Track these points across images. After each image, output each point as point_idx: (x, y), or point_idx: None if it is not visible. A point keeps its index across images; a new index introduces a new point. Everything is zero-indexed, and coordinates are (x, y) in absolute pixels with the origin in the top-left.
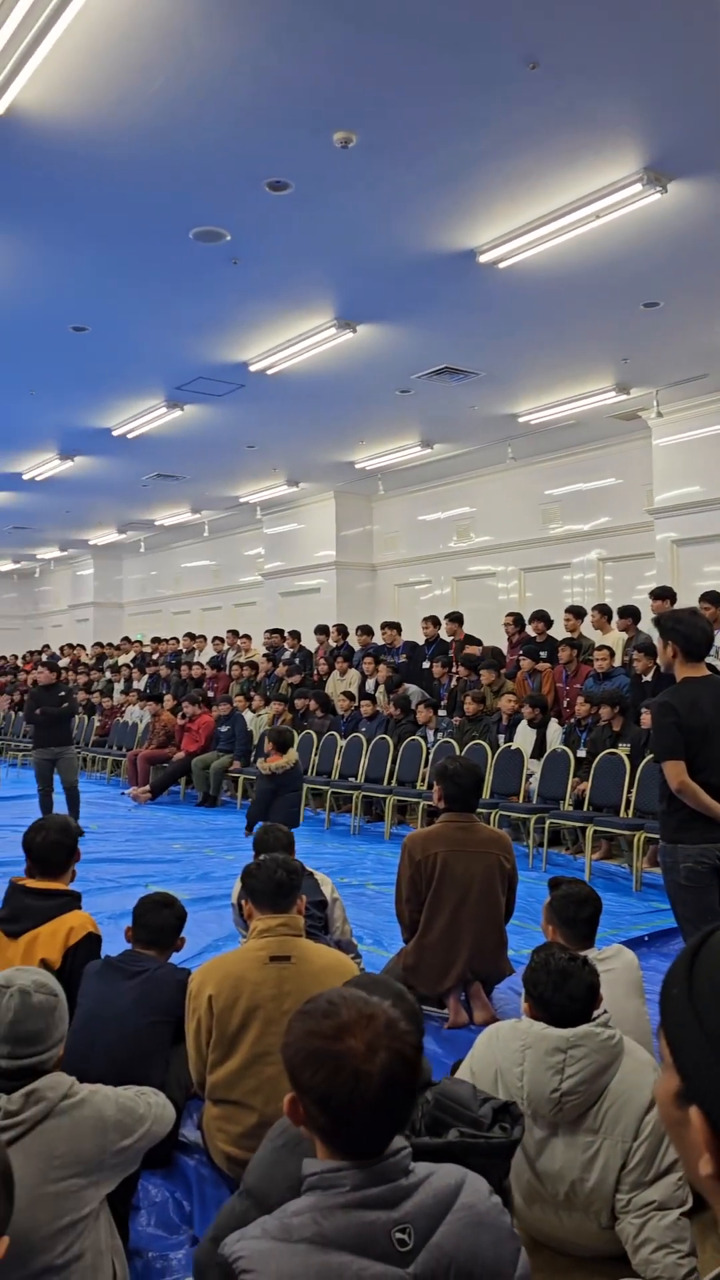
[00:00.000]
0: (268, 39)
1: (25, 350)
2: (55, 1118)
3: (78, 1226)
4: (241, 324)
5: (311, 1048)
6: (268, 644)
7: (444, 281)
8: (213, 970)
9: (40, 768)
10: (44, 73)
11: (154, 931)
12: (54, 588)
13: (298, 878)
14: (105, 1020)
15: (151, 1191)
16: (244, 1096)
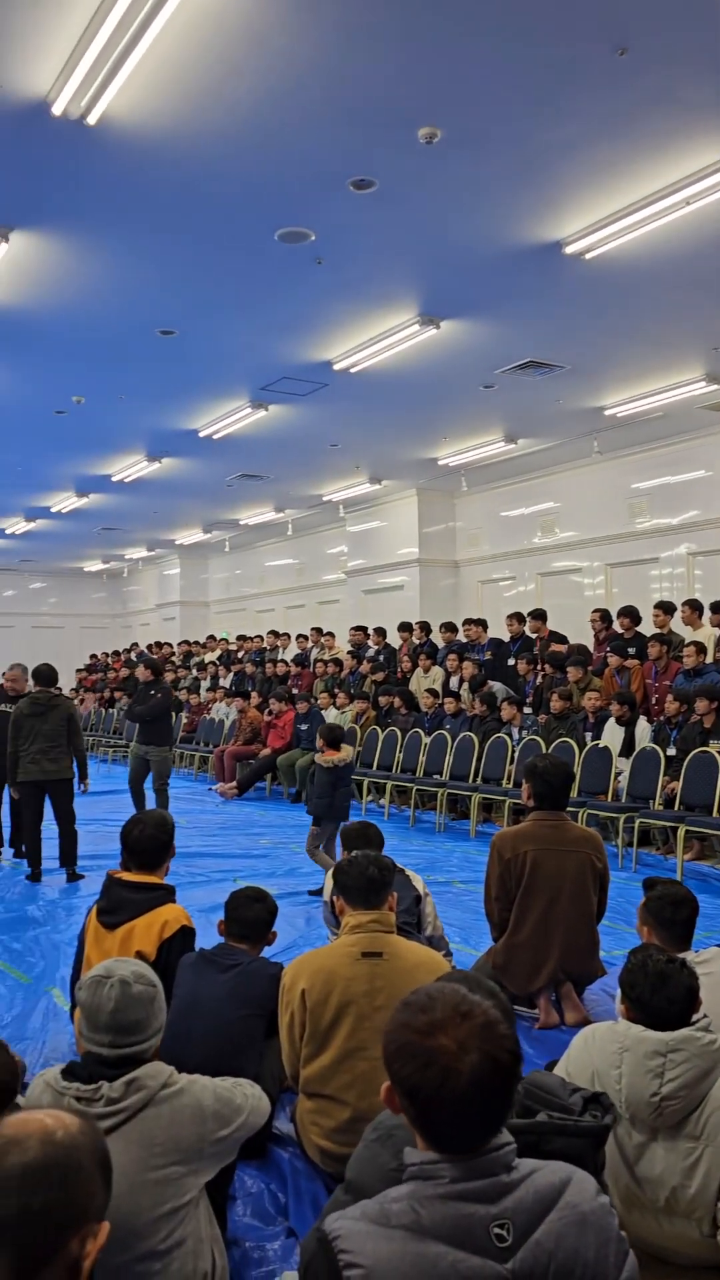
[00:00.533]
0: (351, 37)
1: (115, 356)
2: (155, 1106)
3: (179, 1214)
4: (325, 323)
5: (403, 1040)
6: (352, 641)
7: (529, 274)
8: (305, 965)
9: (134, 764)
10: (133, 82)
11: (246, 925)
12: (142, 587)
13: (389, 874)
14: (200, 1012)
15: (247, 1182)
16: (337, 1091)
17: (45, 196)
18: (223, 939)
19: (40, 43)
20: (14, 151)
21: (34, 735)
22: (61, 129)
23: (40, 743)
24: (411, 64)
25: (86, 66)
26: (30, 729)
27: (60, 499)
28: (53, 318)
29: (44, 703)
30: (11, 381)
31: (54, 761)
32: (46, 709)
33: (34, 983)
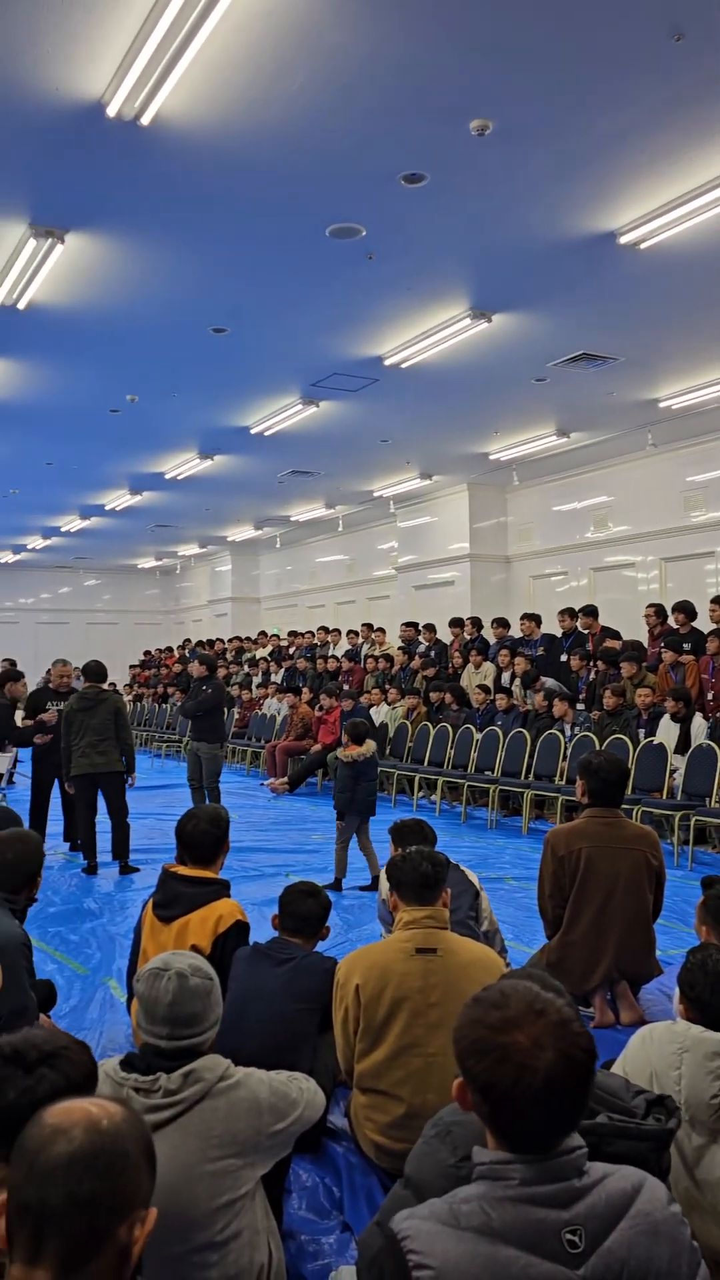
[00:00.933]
0: (403, 31)
1: (168, 354)
2: (212, 1098)
3: (235, 1205)
4: (376, 318)
5: (476, 1036)
6: (402, 637)
7: (582, 266)
8: (359, 960)
9: (190, 760)
10: (185, 82)
11: (300, 920)
12: (194, 584)
13: (443, 870)
14: (254, 1005)
15: (302, 1176)
16: (391, 1087)
17: (100, 198)
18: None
19: (95, 45)
20: (70, 154)
21: (84, 730)
22: (116, 130)
23: (89, 736)
24: (463, 56)
25: (140, 67)
26: (80, 724)
27: (114, 497)
28: (107, 318)
29: (92, 698)
30: (67, 382)
31: (102, 755)
32: (95, 704)
33: (91, 974)
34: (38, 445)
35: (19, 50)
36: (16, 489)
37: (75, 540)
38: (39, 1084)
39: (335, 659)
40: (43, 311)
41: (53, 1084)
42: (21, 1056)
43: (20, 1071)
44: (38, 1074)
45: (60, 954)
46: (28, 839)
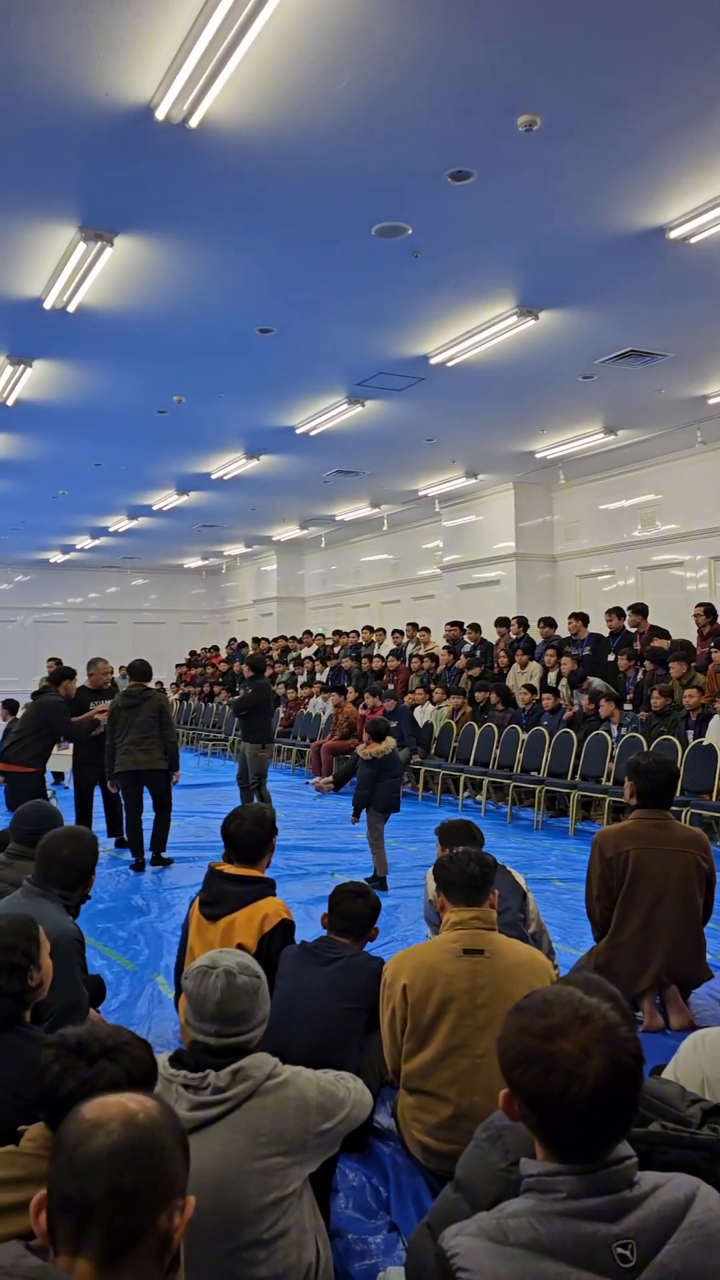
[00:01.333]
0: (450, 27)
1: (215, 355)
2: (260, 1096)
3: (283, 1203)
4: (421, 317)
5: (523, 1045)
6: (447, 636)
7: (631, 262)
8: (407, 960)
9: (239, 760)
10: (234, 84)
11: (349, 920)
12: (239, 583)
13: (490, 871)
14: (301, 1004)
15: (349, 1175)
16: (438, 1088)
17: (148, 201)
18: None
19: (144, 49)
20: (119, 157)
21: (128, 727)
22: (164, 133)
23: (133, 734)
24: (511, 52)
25: (189, 70)
26: (125, 721)
27: (161, 497)
28: (155, 319)
29: (137, 696)
30: (116, 383)
31: (146, 752)
32: (139, 702)
33: (139, 970)
34: (86, 446)
35: (70, 56)
36: (65, 490)
37: (123, 540)
38: (99, 1076)
39: (380, 658)
40: (92, 314)
41: (112, 1077)
42: (85, 1047)
43: (82, 1062)
44: (99, 1066)
45: (109, 950)
46: (82, 836)
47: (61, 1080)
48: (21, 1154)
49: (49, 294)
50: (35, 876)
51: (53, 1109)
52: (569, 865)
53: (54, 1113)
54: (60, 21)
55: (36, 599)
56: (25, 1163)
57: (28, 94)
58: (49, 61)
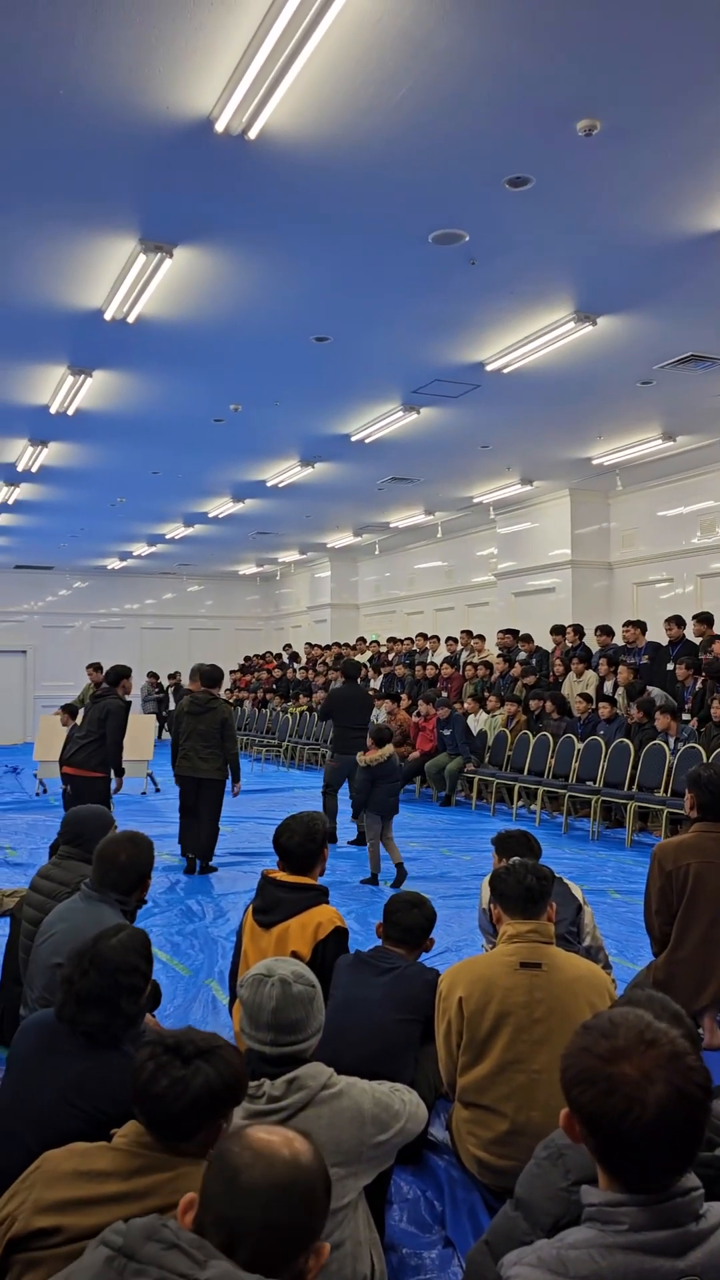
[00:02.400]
0: (509, 34)
1: (271, 363)
2: (315, 1106)
3: (338, 1215)
4: (478, 324)
5: (584, 1065)
6: (501, 644)
7: (691, 265)
8: (463, 972)
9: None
10: (292, 95)
11: (404, 930)
12: (293, 590)
13: (548, 884)
14: (356, 1014)
15: (404, 1188)
16: (495, 1102)
17: (207, 212)
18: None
19: (204, 62)
20: (179, 170)
21: (191, 733)
22: (223, 145)
23: (195, 741)
24: (570, 57)
25: (248, 82)
26: (189, 727)
27: (217, 504)
28: (213, 329)
29: (203, 703)
30: (174, 392)
31: (205, 761)
32: (204, 710)
33: (193, 975)
34: (144, 455)
35: (131, 71)
36: (123, 498)
37: (179, 547)
38: (193, 1076)
39: (434, 665)
40: (151, 324)
41: (206, 1078)
42: (180, 1049)
43: (177, 1062)
44: (193, 1066)
45: (163, 954)
46: (139, 840)
47: (155, 1079)
48: (112, 1149)
49: (109, 305)
50: (93, 880)
51: (146, 1106)
52: (626, 878)
53: (146, 1110)
54: (122, 37)
55: (94, 605)
56: (114, 1158)
57: (90, 109)
58: (111, 77)
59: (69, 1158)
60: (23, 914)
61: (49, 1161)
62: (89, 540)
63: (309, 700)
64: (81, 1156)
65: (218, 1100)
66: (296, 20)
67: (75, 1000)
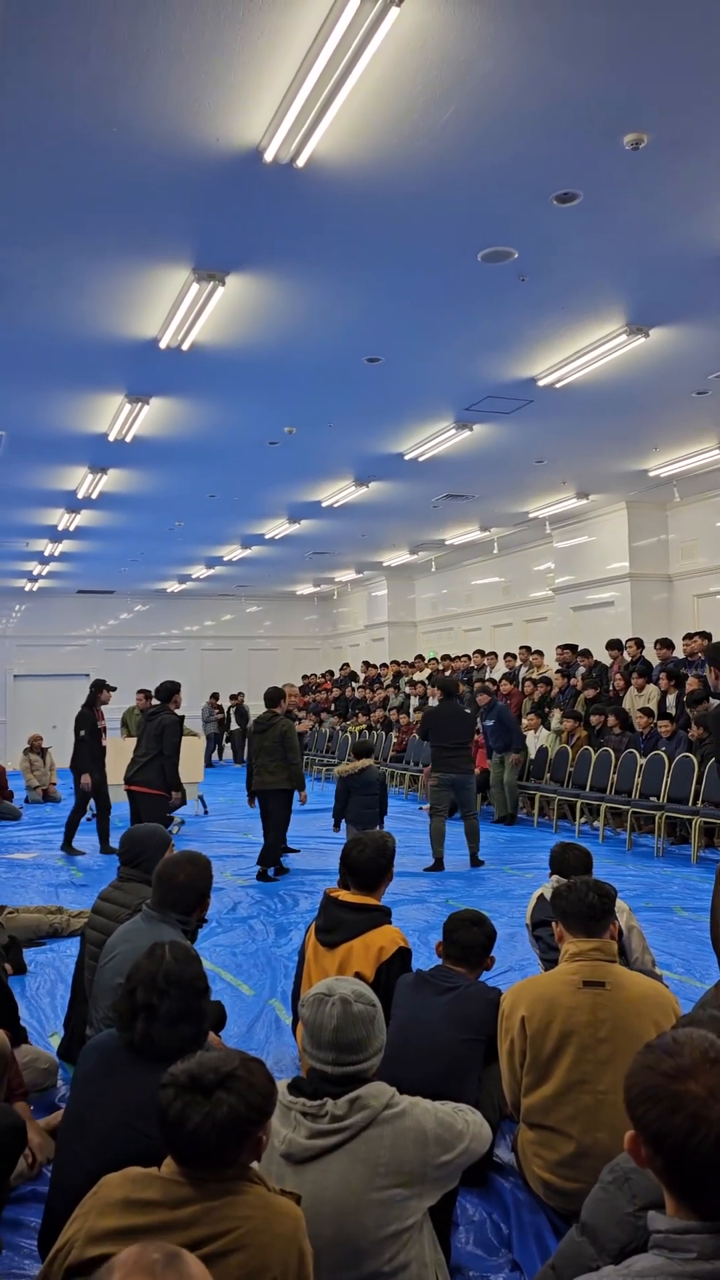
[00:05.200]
0: (554, 51)
1: (324, 386)
2: (378, 1126)
3: (402, 1236)
4: (529, 340)
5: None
6: (560, 659)
7: None
8: (525, 991)
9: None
10: (339, 121)
11: (464, 948)
12: (350, 608)
13: (609, 901)
14: (417, 1034)
15: (469, 1209)
16: (560, 1123)
17: (258, 240)
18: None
19: (251, 94)
20: (229, 200)
21: (259, 750)
22: (272, 174)
23: (263, 758)
24: (616, 71)
25: (295, 112)
26: (257, 745)
27: (273, 526)
28: (265, 354)
29: (266, 722)
30: (228, 417)
31: (271, 774)
32: (267, 727)
33: (256, 995)
34: (201, 479)
35: (181, 107)
36: (181, 521)
37: (237, 569)
38: (217, 1108)
39: (492, 681)
40: (205, 351)
41: (231, 1107)
42: (199, 1081)
43: (200, 1096)
44: (215, 1098)
45: (227, 974)
46: (198, 860)
47: (184, 1116)
48: (161, 1178)
49: (164, 334)
50: (153, 901)
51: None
52: (692, 894)
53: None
54: (171, 74)
55: (154, 628)
56: (162, 1186)
57: (142, 145)
58: (161, 113)
59: (122, 1185)
60: (87, 936)
61: (105, 1188)
62: (148, 564)
63: (367, 719)
64: (133, 1184)
65: (249, 1123)
66: (342, 49)
67: (165, 1022)
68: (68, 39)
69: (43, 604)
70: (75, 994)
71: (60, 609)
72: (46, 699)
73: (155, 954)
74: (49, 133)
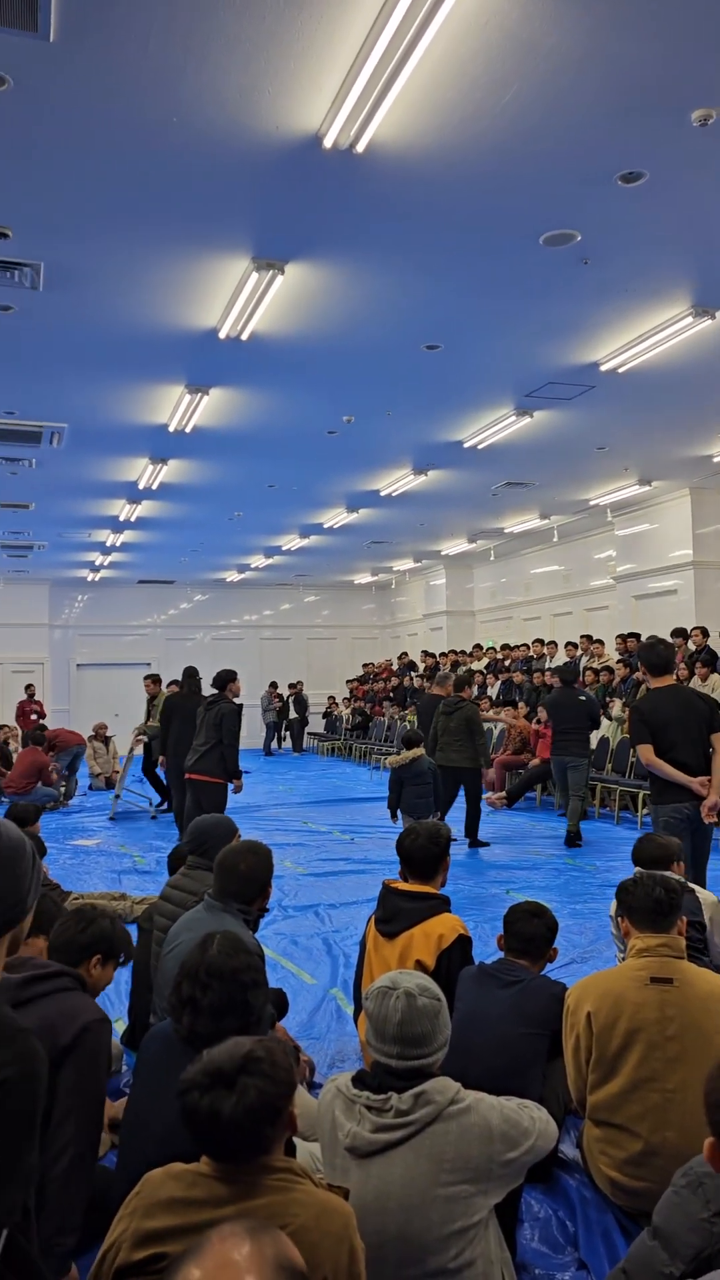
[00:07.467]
0: (618, 28)
1: (384, 374)
2: (443, 1122)
3: (468, 1233)
4: (591, 324)
5: None
6: (621, 649)
7: None
8: (591, 987)
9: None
10: (399, 105)
11: (525, 941)
12: (408, 598)
13: (677, 896)
14: (480, 1028)
15: (534, 1207)
16: (628, 1121)
17: (317, 228)
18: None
19: (310, 80)
20: (288, 187)
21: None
22: (331, 161)
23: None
24: (681, 47)
25: (355, 97)
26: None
27: (332, 515)
28: (324, 343)
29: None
30: (287, 406)
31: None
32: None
33: (317, 984)
34: (260, 469)
35: (240, 96)
36: (240, 512)
37: (295, 558)
38: (244, 1096)
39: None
40: (264, 341)
41: (259, 1090)
42: (220, 1074)
43: (224, 1089)
44: (240, 1085)
45: (289, 962)
46: (258, 850)
47: (217, 1111)
48: (205, 1176)
49: (224, 324)
50: (215, 891)
51: (219, 1140)
52: None
53: (221, 1144)
54: (231, 63)
55: (214, 617)
56: (208, 1186)
57: (201, 135)
58: (221, 102)
59: (165, 1182)
60: (154, 923)
61: (148, 1185)
62: (208, 554)
63: None
64: (177, 1181)
65: (280, 1098)
66: (402, 31)
67: (209, 1015)
68: (128, 29)
69: (105, 594)
70: (137, 980)
71: (121, 599)
72: (108, 688)
73: (204, 946)
74: (110, 125)
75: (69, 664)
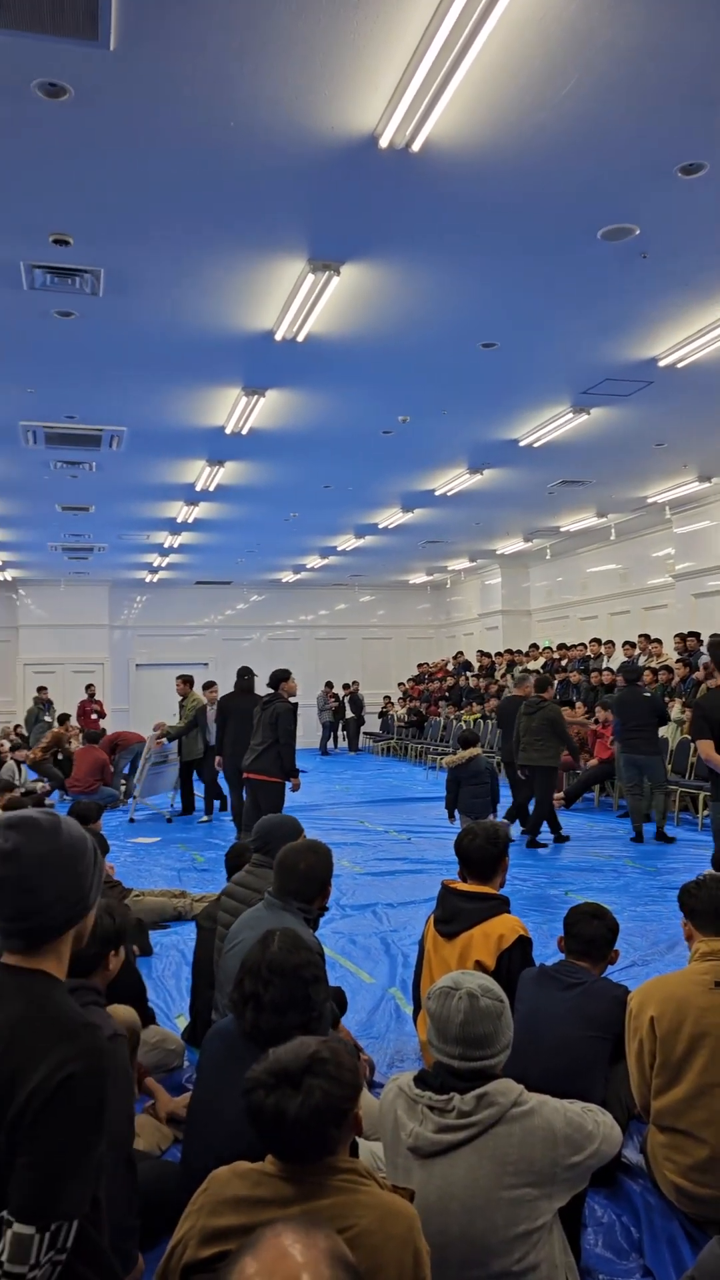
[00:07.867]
0: (678, 16)
1: (438, 373)
2: (506, 1124)
3: (532, 1236)
4: (650, 319)
5: None
6: (680, 648)
7: None
8: (654, 991)
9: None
10: (455, 103)
11: (586, 943)
12: (464, 597)
13: None
14: (541, 1029)
15: (598, 1211)
16: (693, 1127)
17: (373, 228)
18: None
19: (366, 80)
20: (344, 188)
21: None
22: (387, 161)
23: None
24: None
25: (410, 96)
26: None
27: (387, 515)
28: (379, 343)
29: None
30: (343, 407)
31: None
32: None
33: (375, 983)
34: (315, 469)
35: (296, 97)
36: (296, 512)
37: (350, 559)
38: (309, 1096)
39: (609, 671)
40: (320, 342)
41: (325, 1091)
42: (286, 1073)
43: (290, 1089)
44: (305, 1086)
45: (348, 961)
46: (319, 849)
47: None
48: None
49: (280, 326)
50: (275, 889)
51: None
52: None
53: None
54: (287, 65)
55: (270, 618)
56: (273, 1185)
57: (258, 138)
58: (277, 105)
59: (231, 1181)
60: (218, 920)
61: (215, 1183)
62: (264, 555)
63: (481, 708)
64: (243, 1180)
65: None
66: (459, 27)
67: (271, 1010)
68: (185, 34)
69: (163, 595)
70: (198, 977)
71: (179, 600)
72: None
73: (265, 943)
74: (168, 130)
75: (129, 664)
